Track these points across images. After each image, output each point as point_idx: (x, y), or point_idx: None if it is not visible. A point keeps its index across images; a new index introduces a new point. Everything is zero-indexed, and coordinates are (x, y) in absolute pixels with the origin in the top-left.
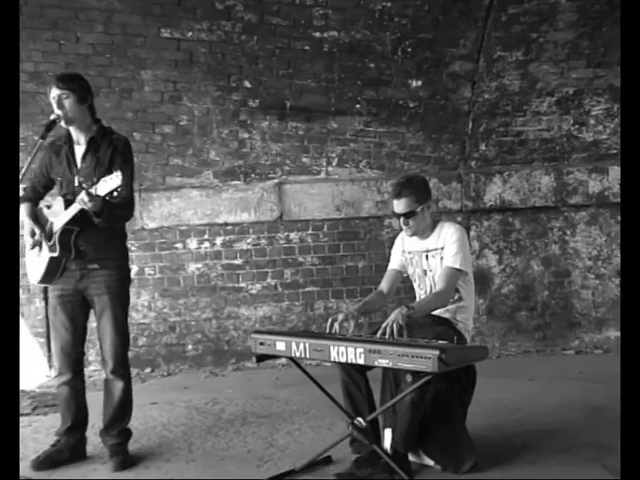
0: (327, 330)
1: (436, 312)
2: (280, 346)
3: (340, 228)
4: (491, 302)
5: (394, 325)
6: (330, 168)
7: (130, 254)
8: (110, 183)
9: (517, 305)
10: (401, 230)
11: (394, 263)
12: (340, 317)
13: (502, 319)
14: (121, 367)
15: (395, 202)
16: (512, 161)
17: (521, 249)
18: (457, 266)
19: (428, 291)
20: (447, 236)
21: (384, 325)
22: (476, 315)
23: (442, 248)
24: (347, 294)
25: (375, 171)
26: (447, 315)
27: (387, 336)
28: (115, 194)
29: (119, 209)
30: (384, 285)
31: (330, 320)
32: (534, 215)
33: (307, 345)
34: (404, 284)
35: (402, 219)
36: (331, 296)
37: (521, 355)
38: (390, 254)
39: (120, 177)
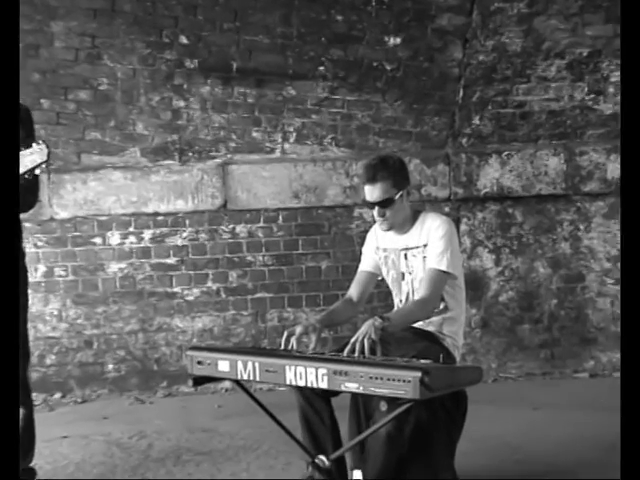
0: (282, 346)
1: (418, 324)
2: (223, 366)
3: (299, 220)
4: (486, 312)
5: (365, 340)
6: (287, 145)
7: (36, 251)
8: (30, 158)
9: (518, 316)
10: (374, 223)
11: (366, 263)
12: (298, 330)
13: (500, 333)
14: (20, 392)
15: (367, 188)
16: (512, 138)
17: (523, 247)
18: (444, 268)
19: (406, 299)
20: (431, 230)
21: (353, 340)
22: (467, 328)
23: (425, 245)
24: (307, 302)
25: (343, 149)
26: (431, 328)
27: (357, 354)
28: (38, 171)
29: (25, 193)
30: (353, 291)
31: (286, 334)
32: (539, 205)
33: (257, 365)
34: (378, 289)
35: (376, 209)
36: (287, 304)
37: (523, 378)
38: (361, 252)
39: (45, 150)
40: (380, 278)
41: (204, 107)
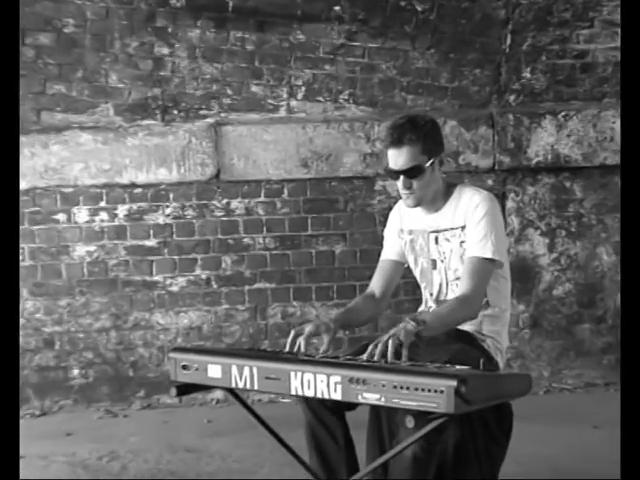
0: (287, 348)
1: None
2: (214, 372)
3: (308, 194)
4: (537, 309)
5: (390, 342)
6: (294, 102)
7: None
8: None
9: (577, 314)
10: (400, 198)
11: (389, 250)
12: (307, 329)
13: (554, 335)
14: None
15: (391, 153)
16: (571, 96)
17: (584, 229)
18: (488, 255)
19: (438, 292)
20: (470, 209)
21: (377, 340)
22: (514, 328)
23: (462, 228)
24: (318, 294)
25: (362, 108)
26: (469, 327)
27: (377, 357)
28: None
29: None
30: (375, 284)
31: (292, 334)
32: (604, 178)
33: (255, 370)
34: (404, 279)
35: (401, 179)
36: (293, 297)
37: (582, 390)
38: (383, 236)
39: None
40: (407, 266)
41: (192, 55)
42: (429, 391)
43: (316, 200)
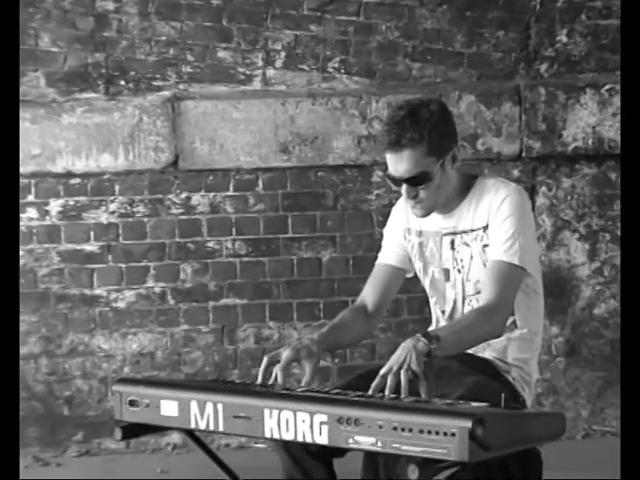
0: (260, 380)
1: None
2: (169, 409)
3: (289, 187)
4: (575, 332)
5: (402, 373)
6: (271, 71)
7: None
8: None
9: None
10: (395, 196)
11: (389, 253)
12: (285, 355)
13: (595, 365)
14: None
15: (390, 157)
16: (618, 64)
17: None
18: (515, 261)
19: (450, 311)
20: (495, 204)
21: (383, 372)
22: (545, 356)
23: (484, 228)
24: (300, 312)
25: (357, 79)
26: (489, 354)
27: (387, 392)
28: None
29: None
30: (369, 294)
31: (266, 361)
32: None
33: (220, 408)
34: (408, 294)
35: (405, 187)
36: (269, 315)
37: None
38: (382, 236)
39: None
40: (411, 275)
41: (144, 11)
42: (437, 434)
43: (299, 194)
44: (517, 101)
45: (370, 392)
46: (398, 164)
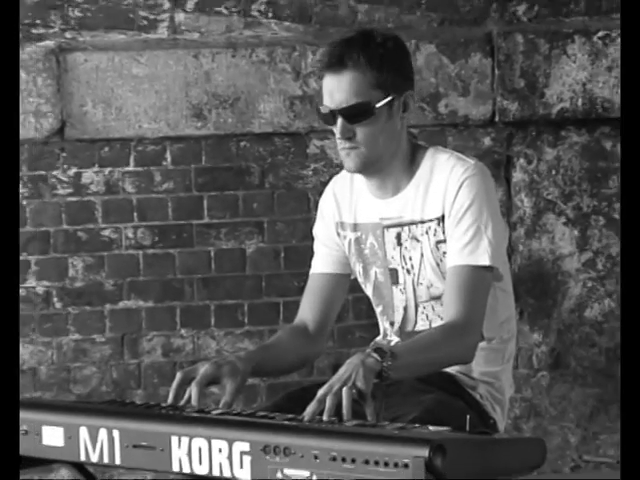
0: (169, 400)
1: None
2: (52, 437)
3: (204, 160)
4: (561, 340)
5: (344, 391)
6: (180, 16)
7: None
8: None
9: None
10: (336, 171)
11: (323, 259)
12: (202, 371)
13: (587, 379)
14: None
15: (328, 80)
16: (614, 5)
17: None
18: (485, 261)
19: (400, 322)
20: (450, 191)
21: (322, 392)
22: (524, 369)
23: (439, 219)
24: (219, 318)
25: (288, 25)
26: (452, 367)
27: (325, 417)
28: None
29: None
30: (307, 312)
31: (179, 377)
32: None
33: (117, 435)
34: (356, 294)
35: (339, 123)
36: (181, 321)
37: None
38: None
39: None
40: (354, 278)
41: None
42: (386, 465)
43: (216, 170)
44: (489, 52)
45: (305, 419)
46: (336, 89)
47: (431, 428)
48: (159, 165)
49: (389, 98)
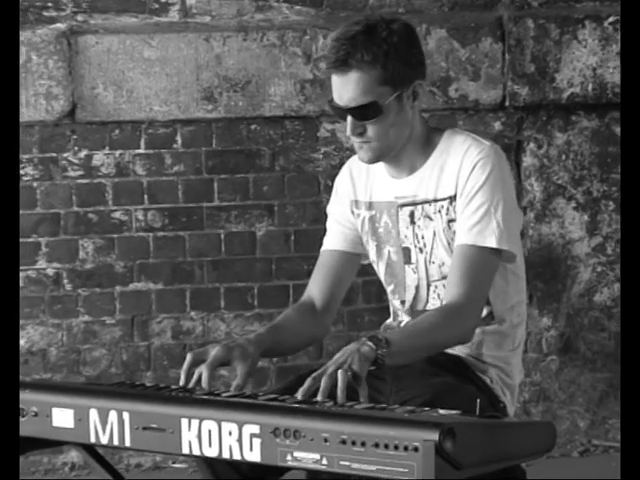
0: (181, 383)
1: None
2: (62, 419)
3: (215, 143)
4: (570, 324)
5: (340, 374)
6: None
7: None
8: None
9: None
10: (347, 154)
11: (336, 236)
12: (213, 354)
13: (596, 363)
14: None
15: (335, 80)
16: None
17: None
18: (492, 243)
19: (412, 302)
20: (465, 168)
21: (316, 374)
22: (534, 354)
23: (452, 198)
24: (229, 300)
25: (299, 8)
26: (461, 350)
27: (320, 397)
28: None
29: None
30: (316, 288)
31: (189, 358)
32: None
33: (127, 417)
34: (366, 277)
35: (349, 121)
36: (190, 304)
37: None
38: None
39: None
40: (367, 262)
41: None
42: (396, 449)
43: (227, 153)
44: (499, 37)
45: (299, 397)
46: (343, 89)
47: (441, 412)
48: (170, 148)
49: (397, 93)
